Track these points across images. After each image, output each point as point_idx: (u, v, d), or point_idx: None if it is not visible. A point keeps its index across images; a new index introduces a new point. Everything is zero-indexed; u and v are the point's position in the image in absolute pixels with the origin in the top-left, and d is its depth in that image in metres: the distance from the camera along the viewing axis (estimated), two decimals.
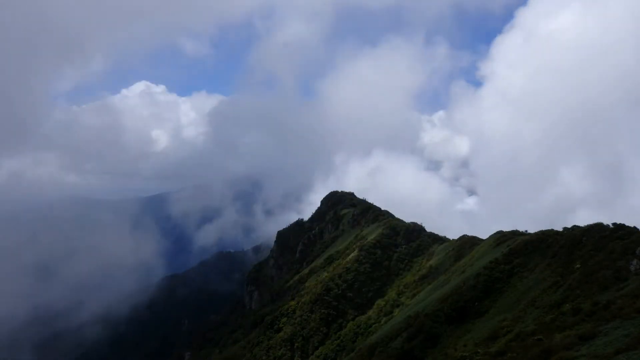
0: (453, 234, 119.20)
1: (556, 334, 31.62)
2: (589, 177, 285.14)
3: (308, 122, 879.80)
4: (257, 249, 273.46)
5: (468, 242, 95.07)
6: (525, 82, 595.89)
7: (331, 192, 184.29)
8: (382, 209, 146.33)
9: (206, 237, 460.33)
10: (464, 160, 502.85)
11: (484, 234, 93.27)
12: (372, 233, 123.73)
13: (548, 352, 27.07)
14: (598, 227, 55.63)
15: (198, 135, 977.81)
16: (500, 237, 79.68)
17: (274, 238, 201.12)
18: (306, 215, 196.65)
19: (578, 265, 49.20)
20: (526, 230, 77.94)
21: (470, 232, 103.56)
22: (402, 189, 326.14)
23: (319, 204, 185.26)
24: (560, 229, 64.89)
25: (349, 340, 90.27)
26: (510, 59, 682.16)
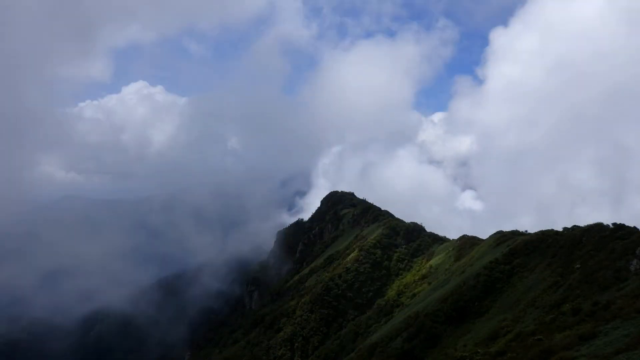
0: (453, 234, 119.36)
1: (556, 334, 31.66)
2: (591, 175, 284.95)
3: (303, 120, 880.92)
4: (257, 249, 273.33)
5: (468, 242, 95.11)
6: (528, 78, 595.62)
7: (331, 192, 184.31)
8: (382, 208, 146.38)
9: (205, 237, 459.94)
10: (464, 159, 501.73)
11: (484, 234, 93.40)
12: (372, 233, 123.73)
13: (548, 352, 27.11)
14: (598, 227, 55.66)
15: (197, 135, 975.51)
16: (500, 237, 79.74)
17: (274, 238, 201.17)
18: (306, 215, 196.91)
19: (578, 265, 49.23)
20: (526, 230, 78.03)
21: (470, 232, 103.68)
22: (401, 186, 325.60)
23: (318, 203, 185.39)
24: (560, 229, 64.95)
25: (349, 340, 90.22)
26: (513, 54, 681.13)
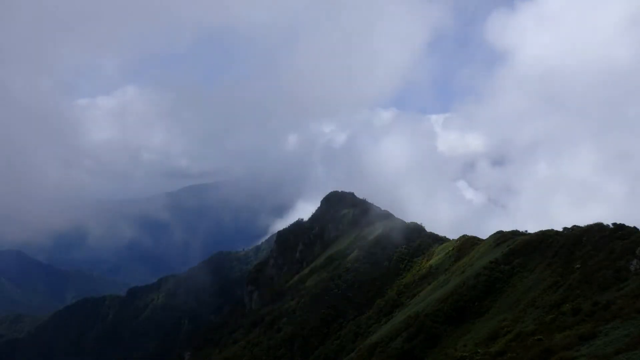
0: (453, 233, 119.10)
1: (556, 334, 31.67)
2: (591, 175, 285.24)
3: (301, 117, 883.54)
4: (257, 249, 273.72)
5: (468, 242, 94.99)
6: (528, 76, 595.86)
7: (331, 192, 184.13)
8: (382, 208, 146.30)
9: (206, 237, 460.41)
10: (463, 157, 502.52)
11: (484, 234, 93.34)
12: (372, 233, 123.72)
13: (548, 352, 27.11)
14: (598, 227, 55.67)
15: (196, 135, 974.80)
16: (500, 237, 79.66)
17: (274, 238, 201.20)
18: (306, 215, 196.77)
19: (578, 265, 49.22)
20: (526, 230, 77.95)
21: (470, 227, 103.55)
22: (401, 181, 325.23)
23: (318, 203, 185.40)
24: (560, 229, 64.95)
25: (349, 340, 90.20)
26: (522, 45, 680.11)
